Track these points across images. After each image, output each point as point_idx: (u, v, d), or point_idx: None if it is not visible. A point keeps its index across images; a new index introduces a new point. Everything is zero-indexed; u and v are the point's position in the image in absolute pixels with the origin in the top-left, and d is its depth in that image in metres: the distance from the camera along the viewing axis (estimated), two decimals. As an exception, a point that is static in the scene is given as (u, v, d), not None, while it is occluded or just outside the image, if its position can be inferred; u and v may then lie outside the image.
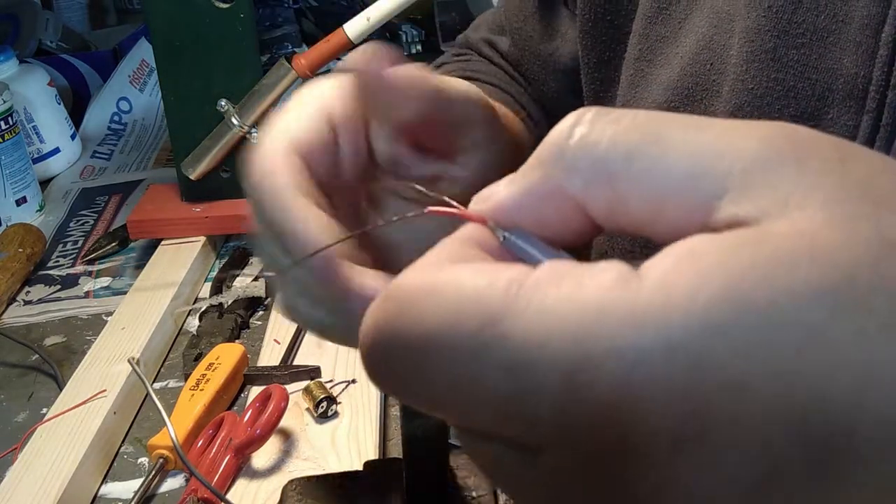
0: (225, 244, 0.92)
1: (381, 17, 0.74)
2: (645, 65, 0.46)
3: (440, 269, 0.19)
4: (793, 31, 0.37)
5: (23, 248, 0.88)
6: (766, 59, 0.38)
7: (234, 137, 0.84)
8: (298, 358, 0.69)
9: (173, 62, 0.83)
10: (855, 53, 0.36)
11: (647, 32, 0.46)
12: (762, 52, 0.38)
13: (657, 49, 0.46)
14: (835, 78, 0.37)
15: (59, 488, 0.55)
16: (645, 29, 0.46)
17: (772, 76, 0.38)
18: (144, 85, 1.28)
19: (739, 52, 0.40)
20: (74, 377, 0.67)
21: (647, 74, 0.46)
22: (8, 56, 1.08)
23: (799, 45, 0.37)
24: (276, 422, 0.57)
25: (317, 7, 1.54)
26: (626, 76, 0.48)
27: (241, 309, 0.77)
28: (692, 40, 0.43)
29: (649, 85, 0.46)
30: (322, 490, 0.45)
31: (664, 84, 0.44)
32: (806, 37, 0.37)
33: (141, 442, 0.64)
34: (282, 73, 0.81)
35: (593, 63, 0.51)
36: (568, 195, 0.20)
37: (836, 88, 0.37)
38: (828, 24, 0.37)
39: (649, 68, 0.46)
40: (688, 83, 0.43)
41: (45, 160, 1.12)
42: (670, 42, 0.45)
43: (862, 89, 0.36)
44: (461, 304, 0.18)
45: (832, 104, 0.37)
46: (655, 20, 0.46)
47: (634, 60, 0.47)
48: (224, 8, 0.81)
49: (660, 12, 0.46)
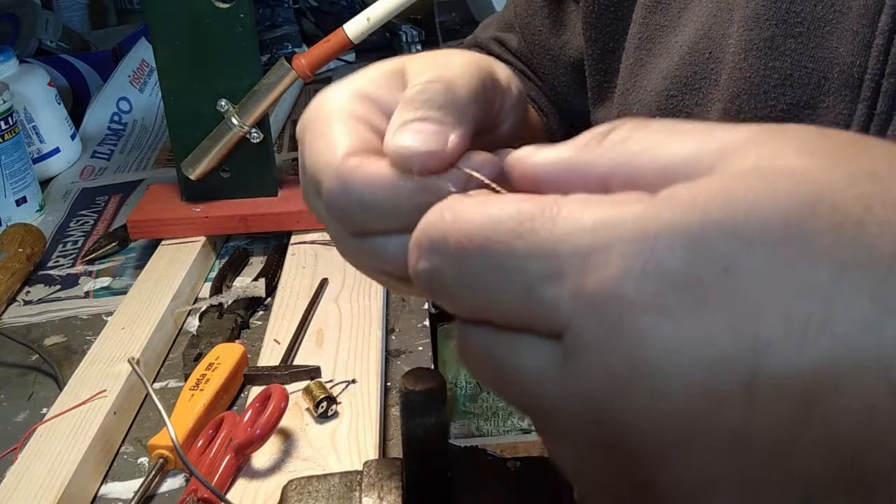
0: (225, 244, 0.92)
1: (381, 17, 0.74)
2: (644, 53, 0.46)
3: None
4: (791, 20, 0.38)
5: (23, 248, 0.88)
6: (764, 48, 0.39)
7: (234, 137, 0.84)
8: (298, 358, 0.69)
9: (173, 62, 0.83)
10: (851, 42, 0.36)
11: (647, 21, 0.46)
12: (760, 41, 0.39)
13: (656, 38, 0.46)
14: (831, 67, 0.37)
15: (59, 488, 0.55)
16: (644, 18, 0.47)
17: (769, 64, 0.39)
18: (144, 85, 1.28)
19: (738, 41, 0.40)
20: (74, 377, 0.67)
21: (646, 63, 0.46)
22: (8, 56, 1.08)
23: (797, 34, 0.38)
24: (276, 422, 0.57)
25: (317, 7, 1.54)
26: (625, 65, 0.48)
27: (241, 309, 0.77)
28: (691, 29, 0.43)
29: (648, 73, 0.46)
30: (322, 490, 0.45)
31: (663, 73, 0.45)
32: (804, 26, 0.38)
33: (141, 442, 0.64)
34: (282, 73, 0.81)
35: (597, 55, 0.52)
36: (597, 174, 0.23)
37: (833, 77, 0.37)
38: (825, 14, 0.37)
39: (648, 57, 0.46)
40: (686, 72, 0.43)
41: (45, 160, 1.12)
42: (669, 31, 0.45)
43: (857, 78, 0.36)
44: (503, 208, 0.22)
45: (828, 92, 0.37)
46: (655, 9, 0.46)
47: (634, 49, 0.47)
48: (224, 8, 0.81)
49: (659, 2, 0.46)
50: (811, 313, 0.18)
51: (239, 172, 0.88)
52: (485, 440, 0.58)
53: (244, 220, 0.87)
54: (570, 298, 0.20)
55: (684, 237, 0.19)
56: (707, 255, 0.19)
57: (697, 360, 0.19)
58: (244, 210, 0.88)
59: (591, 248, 0.20)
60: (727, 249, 0.19)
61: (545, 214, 0.21)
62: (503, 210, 0.22)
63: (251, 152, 0.86)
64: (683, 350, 0.19)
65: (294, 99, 1.32)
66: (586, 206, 0.21)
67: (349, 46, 0.78)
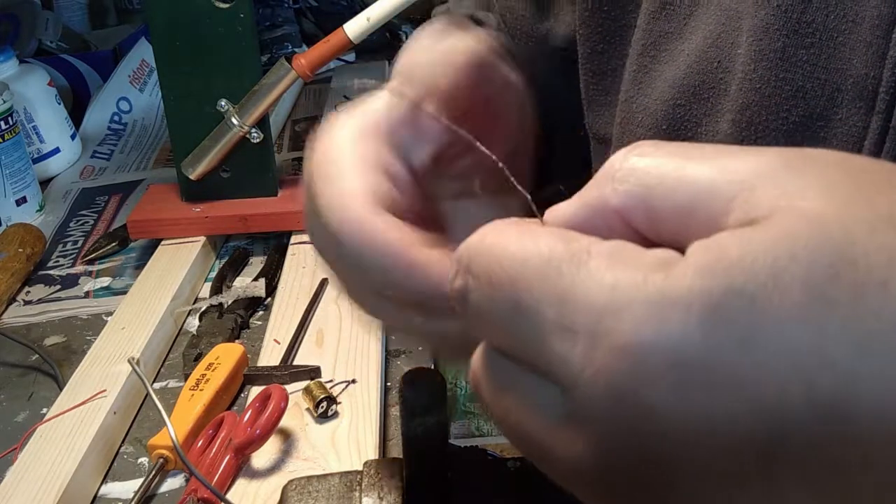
0: (225, 244, 0.92)
1: (381, 17, 0.74)
2: (648, 61, 0.46)
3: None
4: (802, 30, 0.37)
5: (23, 248, 0.88)
6: (775, 59, 0.38)
7: (234, 137, 0.84)
8: (298, 358, 0.69)
9: (173, 62, 0.83)
10: (865, 54, 0.36)
11: (651, 28, 0.46)
12: (770, 52, 0.38)
13: (661, 45, 0.45)
14: (844, 78, 0.36)
15: (59, 488, 0.55)
16: (648, 24, 0.46)
17: (780, 76, 0.38)
18: (144, 85, 1.28)
19: (747, 51, 0.39)
20: (74, 377, 0.67)
21: (651, 71, 0.46)
22: (8, 56, 1.08)
23: (808, 44, 0.37)
24: (276, 422, 0.57)
25: (317, 7, 1.54)
26: (629, 72, 0.48)
27: (241, 309, 0.77)
28: (699, 37, 0.43)
29: (653, 81, 0.46)
30: (322, 490, 0.45)
31: (669, 81, 0.44)
32: (815, 36, 0.37)
33: (141, 442, 0.64)
34: (282, 73, 0.81)
35: (586, 54, 0.51)
36: (614, 209, 0.23)
37: (846, 89, 0.36)
38: (838, 24, 0.36)
39: (653, 64, 0.46)
40: (694, 81, 0.43)
41: (45, 160, 1.12)
42: (675, 38, 0.45)
43: (871, 90, 0.36)
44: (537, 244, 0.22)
45: (841, 105, 0.37)
46: (658, 16, 0.46)
47: (637, 56, 0.47)
48: (224, 8, 0.81)
49: (663, 8, 0.46)
50: (835, 392, 0.18)
51: (239, 172, 0.88)
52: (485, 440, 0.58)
53: (244, 220, 0.87)
54: (580, 357, 0.20)
55: (701, 307, 0.19)
56: (723, 327, 0.18)
57: (710, 438, 0.18)
58: (244, 210, 0.88)
59: (605, 309, 0.20)
60: (745, 320, 0.18)
61: (573, 261, 0.21)
62: (537, 246, 0.22)
63: (251, 152, 0.86)
64: (695, 428, 0.19)
65: (294, 99, 1.32)
66: (612, 260, 0.21)
67: (349, 46, 0.78)
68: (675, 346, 0.19)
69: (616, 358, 0.19)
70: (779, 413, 0.18)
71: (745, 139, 0.39)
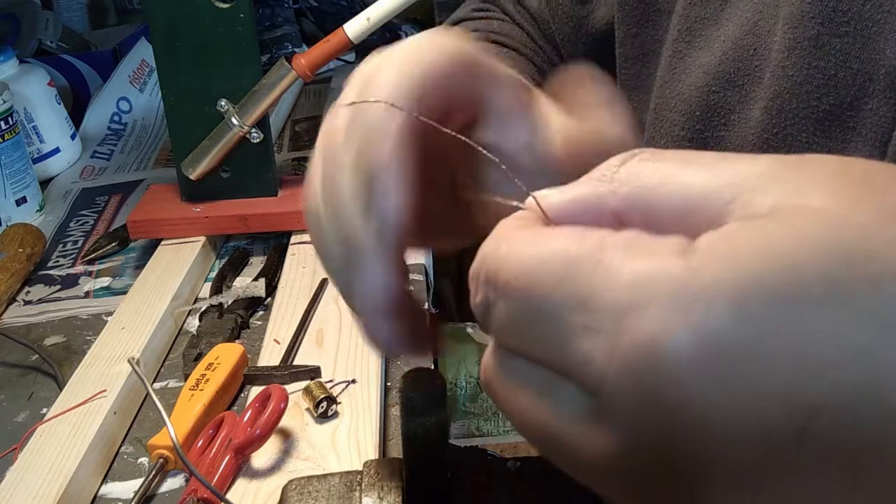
0: (225, 244, 0.92)
1: (381, 17, 0.74)
2: (684, 46, 0.46)
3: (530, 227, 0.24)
4: (837, 18, 0.37)
5: (23, 248, 0.88)
6: (809, 47, 0.38)
7: (234, 137, 0.84)
8: (298, 358, 0.69)
9: (173, 62, 0.83)
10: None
11: (687, 13, 0.46)
12: (805, 40, 0.38)
13: (696, 31, 0.45)
14: (876, 68, 0.36)
15: (59, 488, 0.55)
16: (685, 10, 0.46)
17: (813, 64, 0.38)
18: (144, 85, 1.28)
19: (782, 39, 0.39)
20: (74, 377, 0.67)
21: (686, 56, 0.46)
22: (8, 56, 1.08)
23: (842, 33, 0.37)
24: (275, 422, 0.57)
25: (317, 7, 1.54)
26: (665, 57, 0.47)
27: (241, 309, 0.77)
28: (735, 24, 0.43)
29: (688, 67, 0.45)
30: (322, 490, 0.45)
31: (704, 67, 0.44)
32: (850, 25, 0.37)
33: (141, 442, 0.64)
34: (282, 73, 0.81)
35: (621, 37, 0.51)
36: (612, 209, 0.23)
37: (877, 79, 0.36)
38: (873, 13, 0.36)
39: (688, 50, 0.46)
40: (729, 68, 0.42)
41: (45, 160, 1.12)
42: (710, 24, 0.44)
43: None
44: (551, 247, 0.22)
45: (872, 94, 0.37)
46: (696, 1, 0.45)
47: (673, 41, 0.46)
48: (224, 8, 0.81)
49: None
50: (861, 376, 0.18)
51: (239, 172, 0.88)
52: (485, 440, 0.58)
53: (244, 220, 0.87)
54: (604, 357, 0.20)
55: (724, 299, 0.19)
56: (747, 319, 0.18)
57: (739, 430, 0.19)
58: (244, 210, 0.88)
59: (628, 306, 0.20)
60: (768, 311, 0.18)
61: (588, 260, 0.21)
62: (550, 249, 0.22)
63: (251, 152, 0.87)
64: (724, 420, 0.19)
65: (294, 99, 1.32)
66: (628, 254, 0.21)
67: (349, 46, 0.78)
68: (703, 339, 0.19)
69: (643, 354, 0.19)
70: (807, 400, 0.18)
71: (775, 127, 0.39)
